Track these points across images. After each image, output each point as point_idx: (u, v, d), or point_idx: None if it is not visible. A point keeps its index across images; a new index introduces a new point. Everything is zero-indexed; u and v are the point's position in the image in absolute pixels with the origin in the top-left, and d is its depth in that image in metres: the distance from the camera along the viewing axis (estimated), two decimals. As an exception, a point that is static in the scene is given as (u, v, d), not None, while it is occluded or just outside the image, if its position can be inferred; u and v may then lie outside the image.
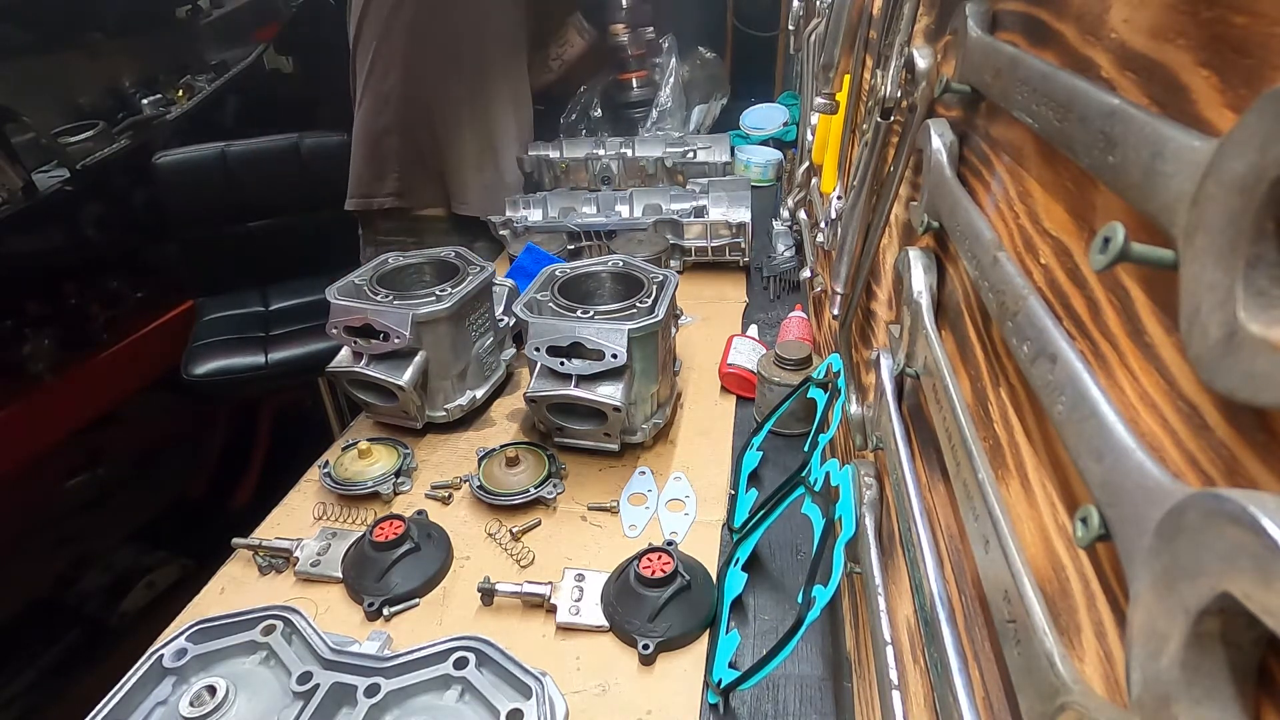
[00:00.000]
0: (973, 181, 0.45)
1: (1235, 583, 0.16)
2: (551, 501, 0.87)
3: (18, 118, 1.94)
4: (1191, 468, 0.22)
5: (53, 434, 1.92)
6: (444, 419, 1.01)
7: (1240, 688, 0.18)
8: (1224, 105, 0.22)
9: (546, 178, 1.67)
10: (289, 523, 0.89)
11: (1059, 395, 0.28)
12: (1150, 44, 0.26)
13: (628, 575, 0.73)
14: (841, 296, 0.79)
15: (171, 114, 2.36)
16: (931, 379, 0.44)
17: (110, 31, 2.36)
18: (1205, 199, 0.20)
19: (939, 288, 0.50)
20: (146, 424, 2.27)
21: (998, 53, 0.38)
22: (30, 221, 1.91)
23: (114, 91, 2.42)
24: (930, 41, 0.54)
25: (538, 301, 0.94)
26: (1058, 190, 0.33)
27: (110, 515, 2.14)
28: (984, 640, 0.36)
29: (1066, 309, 0.31)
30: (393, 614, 0.75)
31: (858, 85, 0.86)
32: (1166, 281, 0.23)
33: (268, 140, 2.13)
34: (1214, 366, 0.19)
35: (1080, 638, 0.28)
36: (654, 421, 0.96)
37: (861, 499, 0.59)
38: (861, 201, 0.70)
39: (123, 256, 2.22)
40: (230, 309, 2.12)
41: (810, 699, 0.67)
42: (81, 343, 1.99)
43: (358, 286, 0.98)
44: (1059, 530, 0.30)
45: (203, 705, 0.54)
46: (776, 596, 0.76)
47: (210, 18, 2.72)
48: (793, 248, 1.44)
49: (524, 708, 0.53)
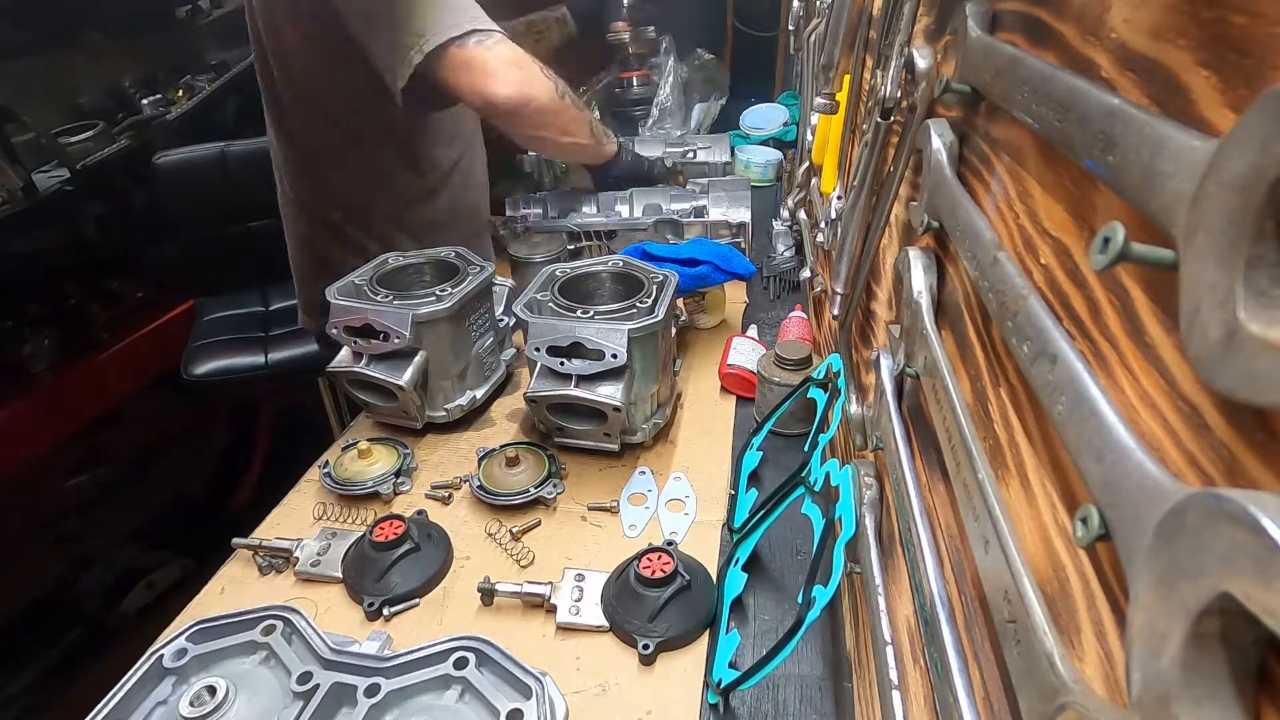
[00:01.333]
0: (973, 181, 0.45)
1: (1235, 583, 0.16)
2: (551, 501, 0.87)
3: (18, 118, 1.94)
4: (1191, 468, 0.22)
5: (53, 434, 1.92)
6: (444, 419, 1.01)
7: (1240, 688, 0.18)
8: (1224, 105, 0.22)
9: (546, 178, 1.67)
10: (289, 523, 0.89)
11: (1059, 395, 0.28)
12: (1150, 44, 0.26)
13: (628, 575, 0.73)
14: (841, 296, 0.79)
15: (171, 114, 2.36)
16: (931, 379, 0.44)
17: (110, 31, 2.36)
18: (1205, 199, 0.20)
19: (939, 288, 0.50)
20: (146, 424, 2.27)
21: (998, 53, 0.38)
22: (30, 221, 1.91)
23: (114, 91, 2.42)
24: (930, 41, 0.54)
25: (538, 301, 0.94)
26: (1058, 190, 0.33)
27: (110, 515, 2.14)
28: (984, 640, 0.36)
29: (1066, 309, 0.31)
30: (393, 614, 0.75)
31: (858, 85, 0.86)
32: (1166, 281, 0.23)
33: (268, 140, 2.12)
34: (1214, 366, 0.19)
35: (1080, 638, 0.28)
36: (654, 421, 0.96)
37: (861, 499, 0.59)
38: (861, 201, 0.70)
39: (123, 256, 2.22)
40: (230, 309, 2.12)
41: (810, 699, 0.67)
42: (81, 343, 1.99)
43: (358, 286, 0.98)
44: (1059, 530, 0.30)
45: (203, 705, 0.54)
46: (776, 596, 0.76)
47: (210, 18, 2.72)
48: (793, 248, 1.44)
49: (524, 708, 0.53)
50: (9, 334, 1.84)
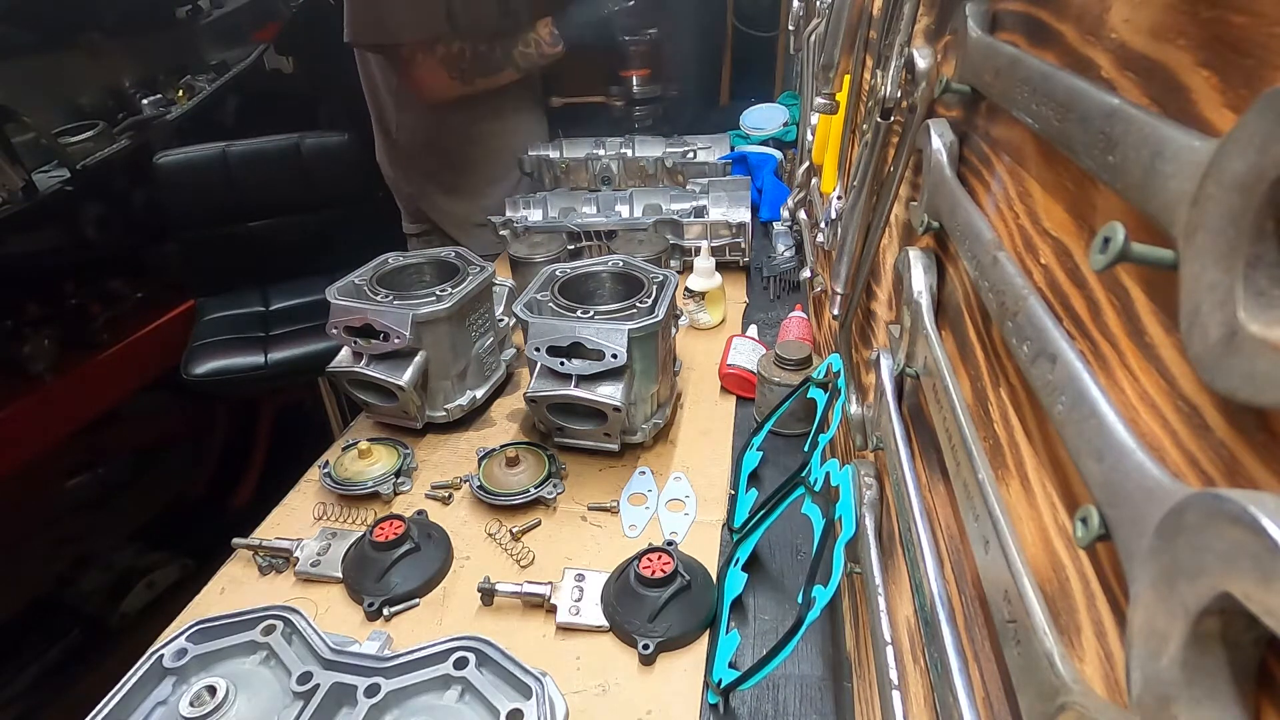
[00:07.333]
0: (973, 181, 0.45)
1: (1235, 583, 0.16)
2: (551, 501, 0.87)
3: (18, 118, 1.94)
4: (1191, 468, 0.22)
5: (53, 434, 1.91)
6: (444, 419, 1.01)
7: (1240, 688, 0.18)
8: (1224, 105, 0.22)
9: (546, 178, 1.67)
10: (289, 523, 0.89)
11: (1059, 395, 0.28)
12: (1150, 44, 0.26)
13: (628, 575, 0.73)
14: (841, 296, 0.79)
15: (171, 114, 2.36)
16: (931, 379, 0.44)
17: (110, 31, 2.36)
18: (1205, 199, 0.20)
19: (939, 288, 0.50)
20: (146, 424, 2.27)
21: (998, 53, 0.38)
22: (30, 221, 1.90)
23: (114, 91, 2.42)
24: (930, 41, 0.54)
25: (538, 301, 0.94)
26: (1058, 190, 0.33)
27: (110, 515, 2.14)
28: (984, 640, 0.36)
29: (1066, 309, 0.31)
30: (393, 614, 0.75)
31: (858, 85, 0.86)
32: (1166, 281, 0.23)
33: (268, 140, 2.13)
34: (1214, 366, 0.19)
35: (1080, 638, 0.28)
36: (654, 421, 0.96)
37: (861, 499, 0.59)
38: (861, 201, 0.70)
39: (123, 256, 2.22)
40: (230, 309, 2.12)
41: (810, 699, 0.67)
42: (81, 343, 1.99)
43: (358, 287, 0.98)
44: (1059, 530, 0.30)
45: (203, 705, 0.54)
46: (776, 596, 0.76)
47: (210, 18, 2.72)
48: (793, 248, 1.44)
49: (524, 708, 0.53)
50: (9, 334, 1.84)
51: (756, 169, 1.65)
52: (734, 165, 1.63)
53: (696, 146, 1.61)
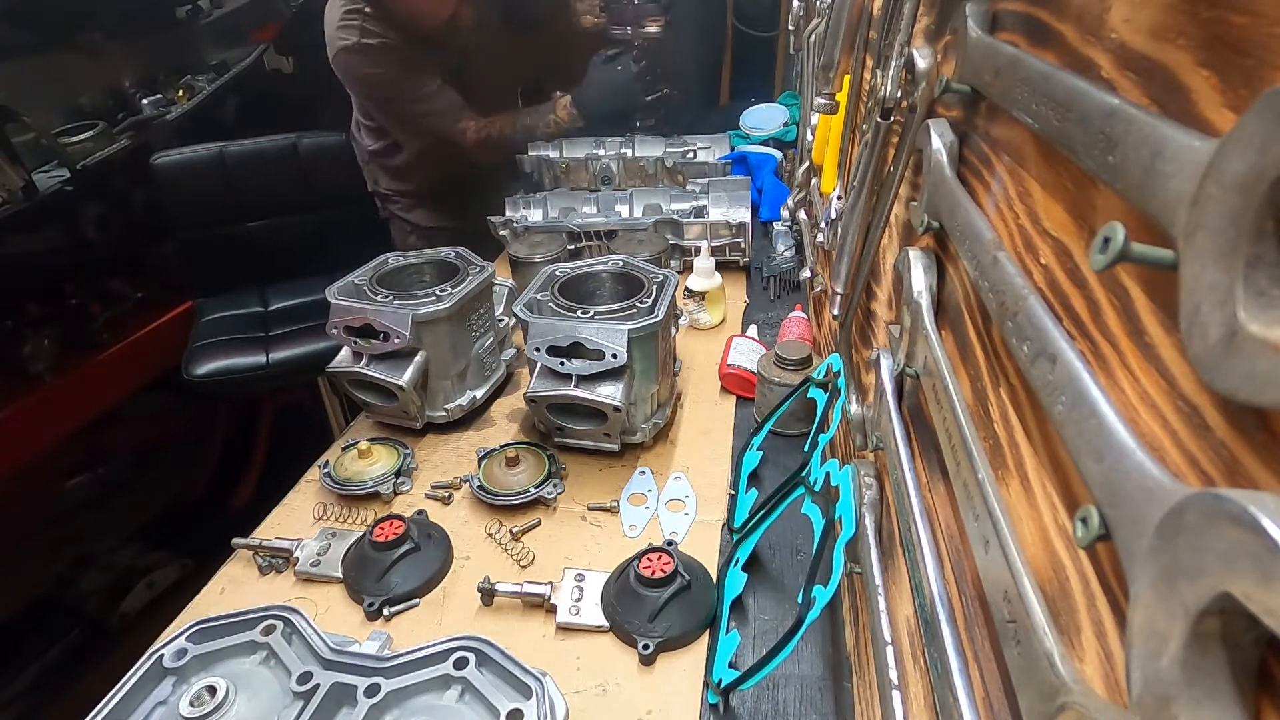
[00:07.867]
0: (973, 181, 0.45)
1: (1235, 583, 0.16)
2: (551, 501, 0.87)
3: (18, 118, 1.93)
4: (1191, 468, 0.22)
5: (53, 434, 1.91)
6: (444, 419, 1.01)
7: (1240, 688, 0.18)
8: (1224, 105, 0.22)
9: (546, 178, 1.67)
10: (289, 523, 0.89)
11: (1059, 395, 0.28)
12: (1150, 44, 0.26)
13: (628, 575, 0.73)
14: (841, 296, 0.79)
15: (171, 114, 2.36)
16: (931, 379, 0.44)
17: (110, 31, 2.36)
18: (1205, 199, 0.20)
19: (939, 288, 0.50)
20: (146, 424, 2.27)
21: (998, 53, 0.38)
22: (30, 221, 1.90)
23: (114, 91, 2.41)
24: (930, 41, 0.54)
25: (538, 301, 0.94)
26: (1058, 190, 0.33)
27: (110, 515, 2.14)
28: (984, 640, 0.36)
29: (1066, 309, 0.31)
30: (393, 614, 0.75)
31: (858, 85, 0.86)
32: (1166, 281, 0.23)
33: (267, 140, 2.12)
34: (1214, 366, 0.19)
35: (1080, 638, 0.28)
36: (654, 421, 0.96)
37: (861, 499, 0.59)
38: (861, 201, 0.70)
39: (123, 256, 2.22)
40: (230, 309, 2.12)
41: (810, 699, 0.67)
42: (81, 343, 1.99)
43: (358, 287, 0.98)
44: (1059, 530, 0.30)
45: (203, 705, 0.54)
46: (776, 596, 0.76)
47: (210, 18, 2.71)
48: (793, 248, 1.44)
49: (524, 708, 0.53)
50: (9, 334, 1.84)
51: (756, 169, 1.66)
52: (734, 165, 1.63)
53: (696, 146, 1.61)
